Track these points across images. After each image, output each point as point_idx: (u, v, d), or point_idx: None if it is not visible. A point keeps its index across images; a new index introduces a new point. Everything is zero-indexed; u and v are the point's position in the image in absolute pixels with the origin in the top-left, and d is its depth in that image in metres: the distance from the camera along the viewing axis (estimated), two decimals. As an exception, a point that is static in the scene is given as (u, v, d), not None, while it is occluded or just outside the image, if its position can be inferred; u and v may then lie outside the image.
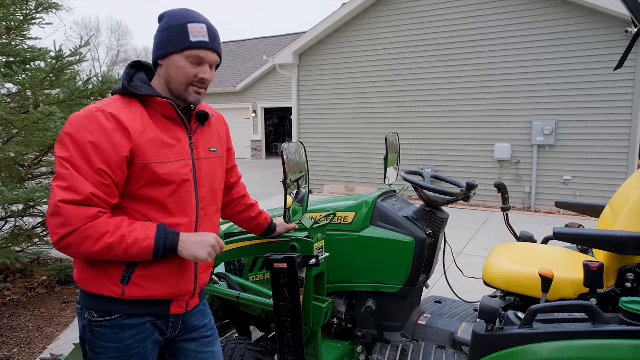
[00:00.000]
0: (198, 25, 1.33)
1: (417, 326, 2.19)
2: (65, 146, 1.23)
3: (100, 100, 1.33)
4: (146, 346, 1.39)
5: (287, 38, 19.92)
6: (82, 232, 1.20)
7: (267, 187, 10.70)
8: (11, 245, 3.92)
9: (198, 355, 1.52)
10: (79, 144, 1.22)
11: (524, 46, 7.83)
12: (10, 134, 3.86)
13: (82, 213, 1.20)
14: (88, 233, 1.20)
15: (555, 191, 7.85)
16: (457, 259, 4.73)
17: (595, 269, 1.61)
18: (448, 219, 2.24)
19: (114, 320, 1.34)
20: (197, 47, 1.32)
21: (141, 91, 1.33)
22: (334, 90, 9.86)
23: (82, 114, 1.26)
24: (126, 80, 1.36)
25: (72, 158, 1.22)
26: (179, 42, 1.32)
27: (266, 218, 1.87)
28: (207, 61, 1.36)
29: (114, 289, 1.31)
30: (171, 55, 1.33)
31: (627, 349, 1.39)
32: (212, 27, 1.37)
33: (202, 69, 1.35)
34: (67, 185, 1.21)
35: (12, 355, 3.12)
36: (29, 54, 3.97)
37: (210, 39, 1.35)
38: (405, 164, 8.94)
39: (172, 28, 1.33)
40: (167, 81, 1.36)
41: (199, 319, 1.54)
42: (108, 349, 1.35)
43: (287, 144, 1.66)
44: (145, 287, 1.34)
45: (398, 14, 8.92)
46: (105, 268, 1.31)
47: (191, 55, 1.33)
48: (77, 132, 1.23)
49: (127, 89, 1.33)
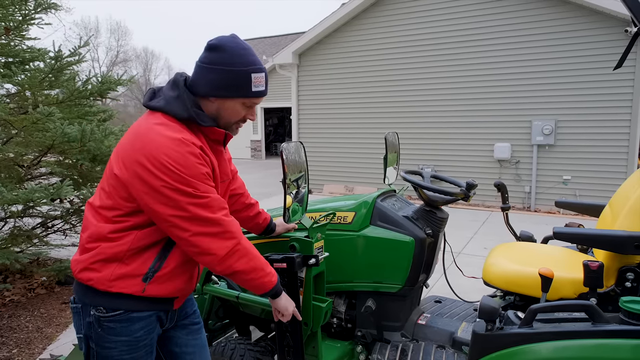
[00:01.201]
0: (260, 75, 1.39)
1: (417, 326, 2.18)
2: (181, 183, 1.31)
3: (168, 126, 1.32)
4: (153, 337, 1.45)
5: (287, 38, 19.92)
6: (244, 248, 1.39)
7: (266, 187, 10.70)
8: (10, 245, 3.91)
9: (188, 343, 1.59)
10: (193, 175, 1.32)
11: (523, 46, 7.83)
12: (10, 135, 3.86)
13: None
14: (245, 251, 1.40)
15: (554, 191, 7.86)
16: (456, 258, 4.73)
17: (595, 268, 1.61)
18: (448, 219, 2.24)
19: (124, 314, 1.37)
20: (256, 97, 1.40)
21: (205, 123, 1.38)
22: (334, 90, 9.86)
23: (173, 149, 1.28)
24: (193, 107, 1.36)
25: (195, 190, 1.33)
26: (242, 90, 1.37)
27: (265, 218, 1.87)
28: (257, 104, 1.45)
29: (136, 288, 1.36)
30: (229, 99, 1.39)
31: (627, 348, 1.38)
32: (266, 73, 1.43)
33: (251, 111, 1.45)
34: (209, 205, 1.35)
35: (11, 355, 3.11)
36: (28, 54, 3.96)
37: (266, 88, 1.42)
38: (405, 163, 8.94)
39: (237, 74, 1.35)
40: (216, 117, 1.42)
41: (188, 306, 1.62)
42: (118, 343, 1.37)
43: (286, 144, 1.66)
44: (164, 286, 1.40)
45: (397, 14, 8.91)
46: (129, 268, 1.35)
47: (249, 102, 1.41)
48: (183, 165, 1.28)
49: (195, 119, 1.36)
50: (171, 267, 1.40)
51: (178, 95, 1.37)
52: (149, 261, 1.37)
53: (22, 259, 3.71)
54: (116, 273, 1.35)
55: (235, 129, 1.48)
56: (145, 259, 1.37)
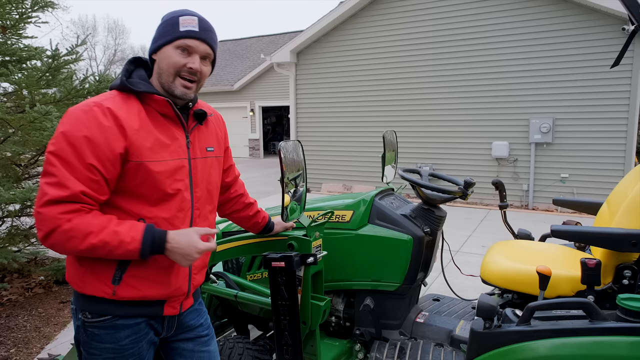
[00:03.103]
0: (189, 17, 1.34)
1: (415, 324, 2.19)
2: (58, 140, 1.22)
3: (98, 95, 1.32)
4: (141, 346, 1.37)
5: (285, 36, 19.89)
6: (66, 232, 1.18)
7: (265, 186, 10.69)
8: (8, 245, 3.91)
9: (194, 355, 1.51)
10: (72, 138, 1.21)
11: (521, 44, 7.84)
12: (7, 134, 3.84)
13: (65, 209, 1.18)
14: (72, 233, 1.18)
15: (552, 189, 7.87)
16: (454, 256, 4.74)
17: (593, 266, 1.61)
18: (446, 217, 2.24)
19: (108, 321, 1.32)
20: (185, 37, 1.32)
21: (139, 88, 1.32)
22: (332, 89, 9.85)
23: (79, 108, 1.25)
24: (124, 76, 1.35)
25: (62, 152, 1.20)
26: (169, 33, 1.33)
27: (264, 217, 1.87)
28: (196, 51, 1.34)
29: (104, 289, 1.30)
30: (162, 47, 1.34)
31: (624, 345, 1.39)
32: (204, 20, 1.37)
33: (191, 59, 1.33)
34: (55, 181, 1.19)
35: (9, 355, 3.11)
36: (24, 53, 3.94)
37: (200, 29, 1.34)
38: (403, 162, 8.94)
39: (165, 22, 1.35)
40: (159, 75, 1.35)
41: (194, 319, 1.53)
42: (103, 350, 1.33)
43: (284, 142, 1.66)
44: (138, 288, 1.32)
45: (396, 12, 8.91)
46: (95, 268, 1.29)
47: (180, 44, 1.32)
48: (72, 125, 1.22)
49: (125, 84, 1.32)
50: (143, 266, 1.31)
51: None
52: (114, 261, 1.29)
53: (19, 258, 3.70)
54: (81, 271, 1.30)
55: (180, 85, 1.33)
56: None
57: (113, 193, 1.29)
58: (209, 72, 1.42)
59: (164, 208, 1.34)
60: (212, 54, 1.39)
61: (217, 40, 1.43)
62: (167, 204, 1.34)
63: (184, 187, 1.37)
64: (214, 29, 1.40)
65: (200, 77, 1.37)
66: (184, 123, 1.40)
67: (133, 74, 1.39)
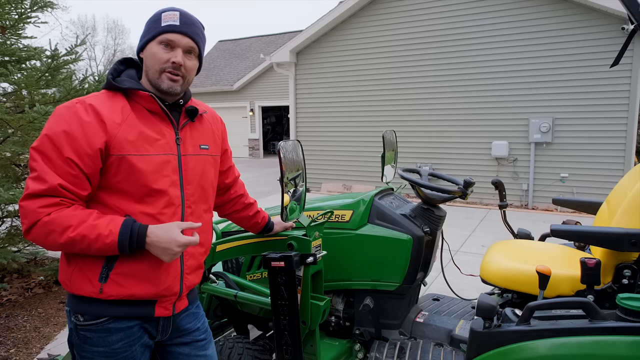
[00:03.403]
0: (170, 12, 1.35)
1: (415, 324, 2.19)
2: (41, 137, 1.23)
3: (88, 95, 1.34)
4: (135, 350, 1.35)
5: (284, 36, 19.88)
6: (45, 225, 1.19)
7: (264, 186, 10.69)
8: (7, 245, 3.90)
9: (190, 359, 1.49)
10: (52, 134, 1.22)
11: (521, 44, 7.84)
12: (6, 134, 3.84)
13: (44, 203, 1.19)
14: (51, 227, 1.19)
15: (552, 188, 7.88)
16: (454, 256, 4.74)
17: (592, 265, 1.61)
18: (445, 217, 2.24)
19: (100, 324, 1.31)
20: (166, 31, 1.33)
21: (124, 84, 1.33)
22: (332, 89, 9.85)
23: (63, 105, 1.28)
24: (111, 75, 1.36)
25: (42, 147, 1.22)
26: (152, 30, 1.34)
27: (264, 217, 1.87)
28: (179, 45, 1.34)
29: (91, 288, 1.28)
30: (147, 44, 1.35)
31: (624, 345, 1.39)
32: (186, 13, 1.37)
33: (173, 53, 1.33)
34: (35, 176, 1.21)
35: (9, 355, 3.11)
36: (24, 53, 3.94)
37: (181, 23, 1.35)
38: (403, 161, 8.95)
39: (149, 21, 1.37)
40: (147, 72, 1.36)
41: (191, 322, 1.51)
42: (95, 353, 1.32)
43: (284, 142, 1.66)
44: (125, 286, 1.29)
45: (395, 12, 8.91)
46: (83, 267, 1.29)
47: (163, 39, 1.33)
48: (54, 122, 1.24)
49: (111, 82, 1.33)
50: (131, 263, 1.29)
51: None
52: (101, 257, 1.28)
53: (19, 258, 3.70)
54: (69, 270, 1.30)
55: (166, 79, 1.33)
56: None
57: (98, 189, 1.29)
58: (195, 67, 1.42)
59: (150, 204, 1.31)
60: (196, 48, 1.39)
61: (203, 34, 1.43)
62: (153, 200, 1.32)
63: (171, 183, 1.35)
64: (198, 23, 1.40)
65: (185, 71, 1.36)
66: (172, 119, 1.39)
67: (123, 74, 1.41)
